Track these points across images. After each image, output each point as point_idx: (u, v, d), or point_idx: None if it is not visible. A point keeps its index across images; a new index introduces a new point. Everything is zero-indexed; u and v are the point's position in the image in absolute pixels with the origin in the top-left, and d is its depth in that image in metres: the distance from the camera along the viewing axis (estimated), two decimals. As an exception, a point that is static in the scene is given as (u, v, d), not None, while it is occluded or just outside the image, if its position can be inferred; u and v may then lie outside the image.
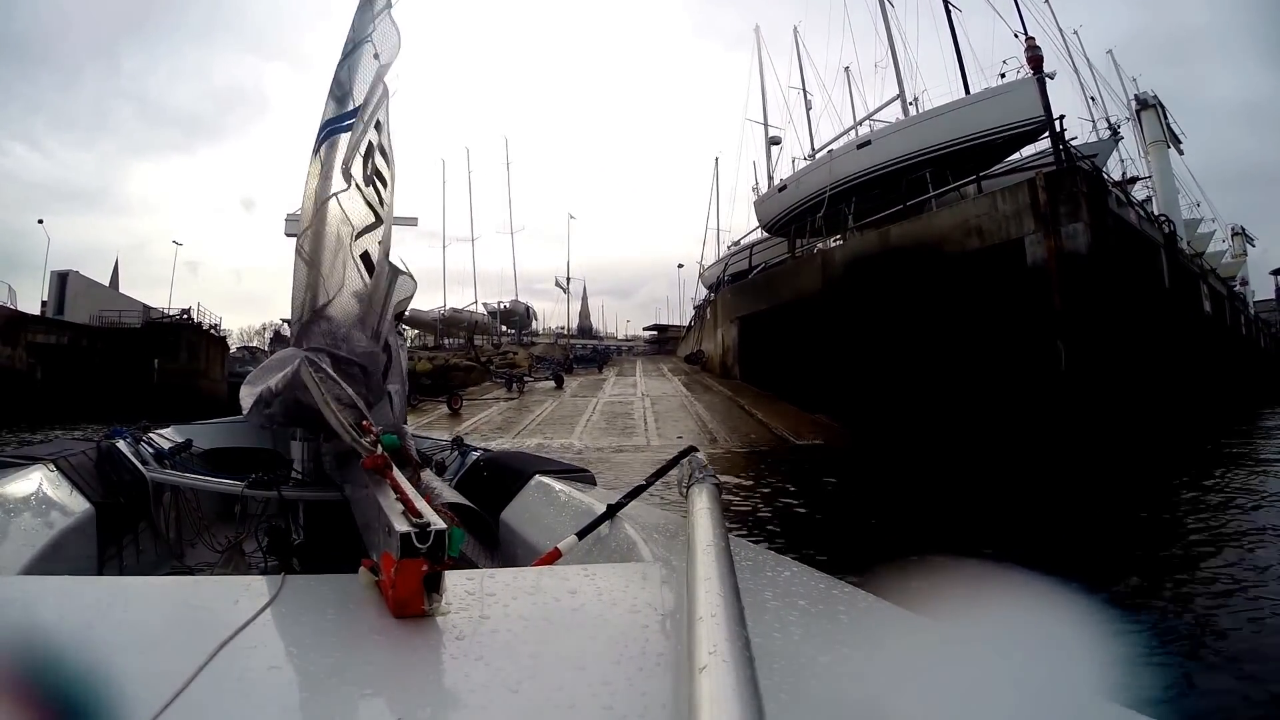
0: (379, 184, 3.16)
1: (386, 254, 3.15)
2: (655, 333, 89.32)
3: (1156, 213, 31.13)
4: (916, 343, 20.16)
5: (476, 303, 74.63)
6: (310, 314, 2.97)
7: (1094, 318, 17.39)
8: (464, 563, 2.20)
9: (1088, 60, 45.78)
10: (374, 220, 3.06)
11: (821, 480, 14.62)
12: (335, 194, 2.85)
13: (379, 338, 3.05)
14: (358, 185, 2.98)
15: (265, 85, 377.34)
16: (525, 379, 37.65)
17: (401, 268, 3.29)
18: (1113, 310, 17.65)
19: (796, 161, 40.95)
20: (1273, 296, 67.58)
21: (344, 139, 2.98)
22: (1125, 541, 8.82)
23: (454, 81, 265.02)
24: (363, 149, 3.03)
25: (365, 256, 2.97)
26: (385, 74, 3.24)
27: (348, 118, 3.07)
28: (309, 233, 2.85)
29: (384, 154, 3.22)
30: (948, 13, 30.60)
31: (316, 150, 2.98)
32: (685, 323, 67.10)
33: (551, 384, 36.54)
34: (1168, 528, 9.50)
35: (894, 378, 20.52)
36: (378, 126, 3.19)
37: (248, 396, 2.86)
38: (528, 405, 28.83)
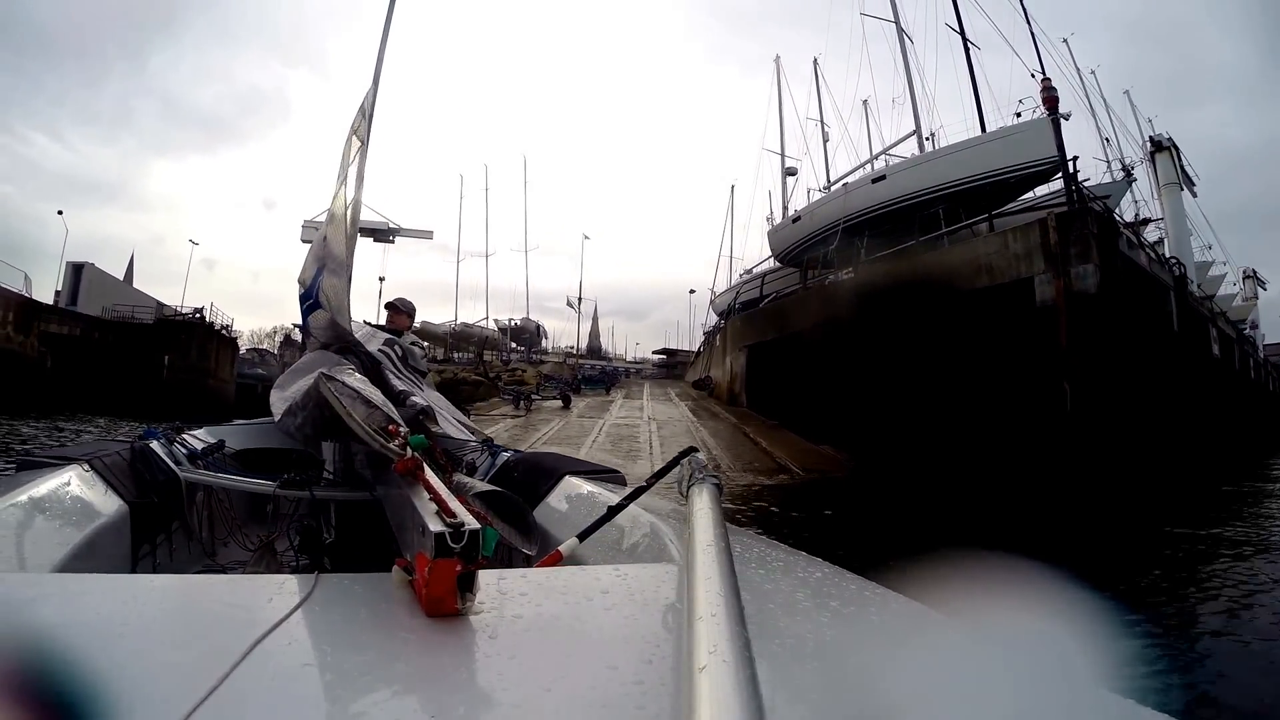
0: None
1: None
2: (664, 356, 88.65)
3: (1168, 255, 31.05)
4: (924, 378, 20.12)
5: (488, 318, 74.60)
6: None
7: (1101, 359, 17.40)
8: (502, 551, 2.28)
9: (1104, 100, 45.87)
10: None
11: (821, 511, 14.60)
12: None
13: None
14: None
15: (288, 90, 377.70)
16: (533, 397, 37.42)
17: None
18: (1120, 352, 17.65)
19: (812, 192, 41.11)
20: (1283, 340, 67.20)
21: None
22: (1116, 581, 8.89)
23: (475, 99, 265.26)
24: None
25: None
26: None
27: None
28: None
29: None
30: (966, 51, 30.76)
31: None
32: (695, 348, 66.87)
33: (559, 403, 36.33)
34: (1162, 568, 9.55)
35: (900, 411, 20.46)
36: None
37: (279, 402, 2.96)
38: (534, 424, 28.71)
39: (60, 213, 53.99)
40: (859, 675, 1.10)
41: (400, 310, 5.10)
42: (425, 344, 5.56)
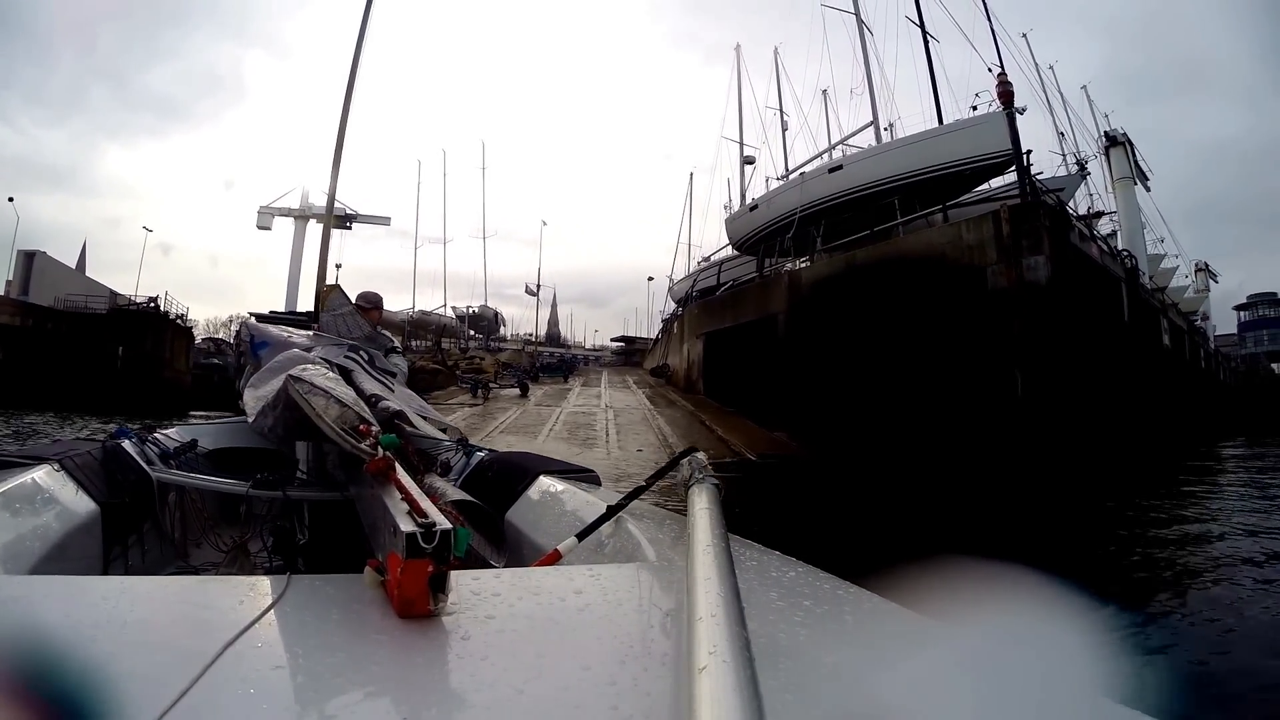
0: None
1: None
2: (622, 344, 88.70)
3: (1120, 247, 31.55)
4: (878, 365, 20.38)
5: (445, 306, 74.31)
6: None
7: (1051, 348, 17.69)
8: (472, 559, 2.21)
9: (1061, 95, 46.50)
10: None
11: (773, 496, 14.69)
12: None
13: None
14: None
15: (243, 71, 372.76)
16: (491, 386, 37.46)
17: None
18: (1070, 341, 17.95)
19: (770, 181, 41.09)
20: (1234, 331, 68.50)
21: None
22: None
23: (433, 84, 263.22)
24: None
25: None
26: None
27: None
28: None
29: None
30: (925, 44, 31.00)
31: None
32: (654, 335, 66.88)
33: (516, 392, 36.36)
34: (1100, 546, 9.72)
35: (854, 399, 20.71)
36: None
37: (253, 402, 2.99)
38: (492, 412, 28.65)
39: (11, 199, 52.89)
40: (858, 678, 1.11)
41: (368, 307, 5.06)
42: (393, 339, 5.58)
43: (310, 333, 4.21)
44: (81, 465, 2.79)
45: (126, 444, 3.28)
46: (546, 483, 2.89)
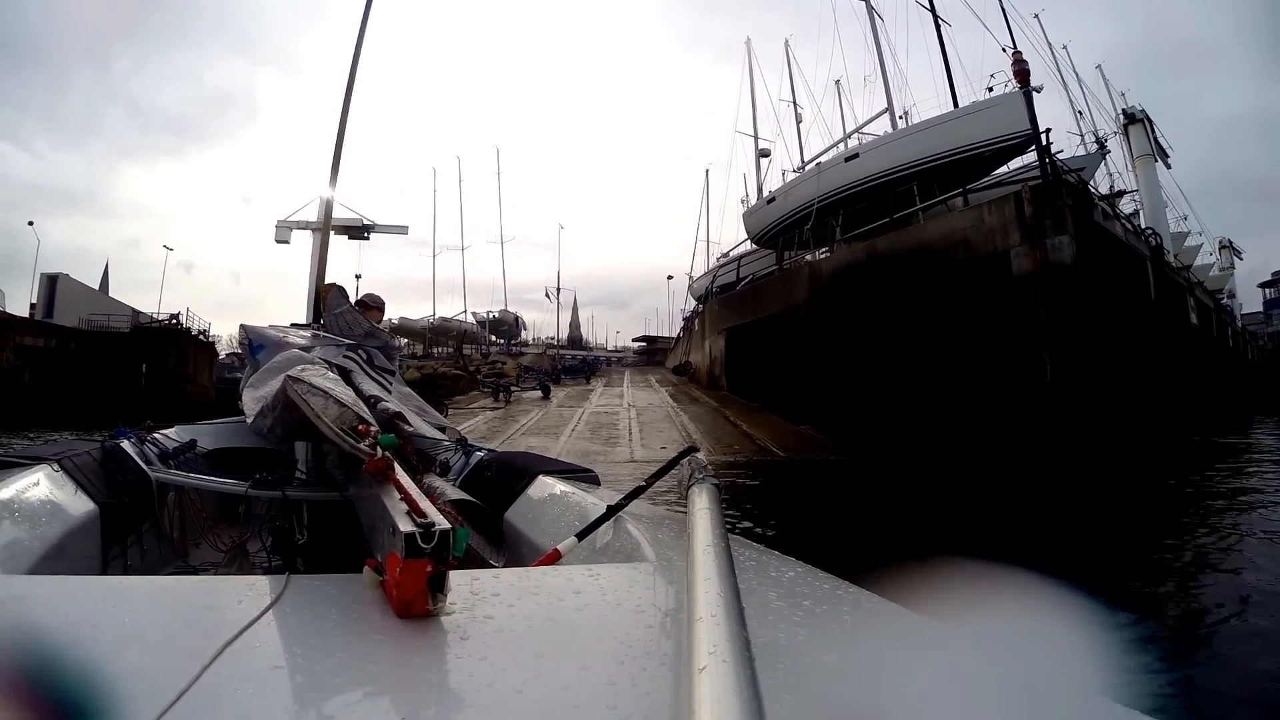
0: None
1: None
2: (644, 344, 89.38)
3: (1143, 226, 31.27)
4: (902, 355, 20.23)
5: (466, 312, 75.01)
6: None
7: (1079, 329, 17.48)
8: (470, 559, 2.23)
9: (1076, 75, 46.26)
10: None
11: (800, 490, 14.71)
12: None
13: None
14: None
15: (256, 89, 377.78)
16: (512, 389, 37.52)
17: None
18: (1098, 322, 17.72)
19: (786, 174, 41.18)
20: (1260, 309, 67.98)
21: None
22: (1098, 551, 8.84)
23: (447, 91, 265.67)
24: None
25: None
26: None
27: None
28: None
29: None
30: (937, 28, 30.82)
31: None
32: (675, 334, 67.00)
33: (538, 394, 36.51)
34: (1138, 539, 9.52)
35: (879, 389, 20.54)
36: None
37: (252, 403, 3.01)
38: (514, 415, 28.79)
39: (31, 223, 53.76)
40: (858, 678, 1.10)
41: (370, 306, 5.22)
42: (404, 340, 5.62)
43: (309, 333, 4.15)
44: (81, 465, 2.80)
45: (126, 444, 3.30)
46: (546, 482, 2.92)
